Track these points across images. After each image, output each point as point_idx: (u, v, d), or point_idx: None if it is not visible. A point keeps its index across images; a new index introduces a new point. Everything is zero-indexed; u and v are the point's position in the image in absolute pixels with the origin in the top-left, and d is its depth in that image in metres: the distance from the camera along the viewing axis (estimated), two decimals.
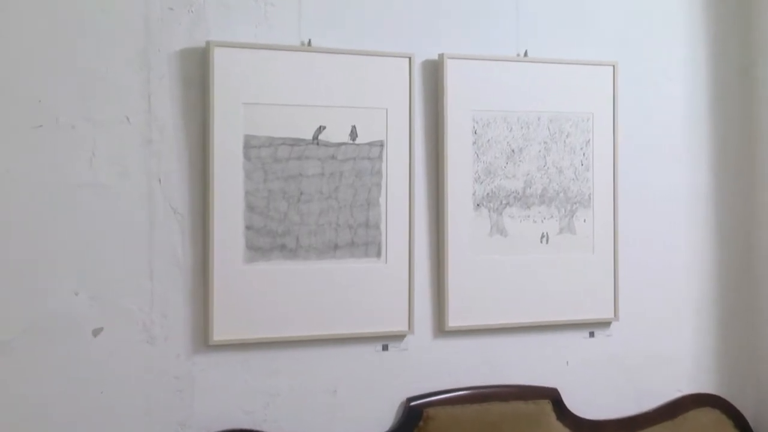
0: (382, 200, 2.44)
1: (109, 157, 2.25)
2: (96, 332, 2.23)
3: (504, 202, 2.57)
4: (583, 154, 2.64)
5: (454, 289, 2.50)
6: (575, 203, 2.63)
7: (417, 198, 2.49)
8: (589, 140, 2.64)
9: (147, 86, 2.26)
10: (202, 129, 2.31)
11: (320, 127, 2.38)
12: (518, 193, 2.58)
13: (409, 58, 2.45)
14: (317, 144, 2.38)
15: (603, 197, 2.65)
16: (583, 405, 2.61)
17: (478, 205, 2.54)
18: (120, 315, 2.25)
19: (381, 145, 2.44)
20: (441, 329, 2.52)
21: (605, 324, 2.68)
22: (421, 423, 2.44)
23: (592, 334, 2.67)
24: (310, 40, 2.37)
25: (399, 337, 2.47)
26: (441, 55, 2.50)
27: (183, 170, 2.30)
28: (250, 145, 2.32)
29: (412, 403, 2.45)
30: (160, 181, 2.28)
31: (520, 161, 2.58)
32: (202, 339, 2.31)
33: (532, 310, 2.58)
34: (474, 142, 2.53)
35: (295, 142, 2.36)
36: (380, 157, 2.44)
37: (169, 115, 2.28)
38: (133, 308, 2.26)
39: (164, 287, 2.29)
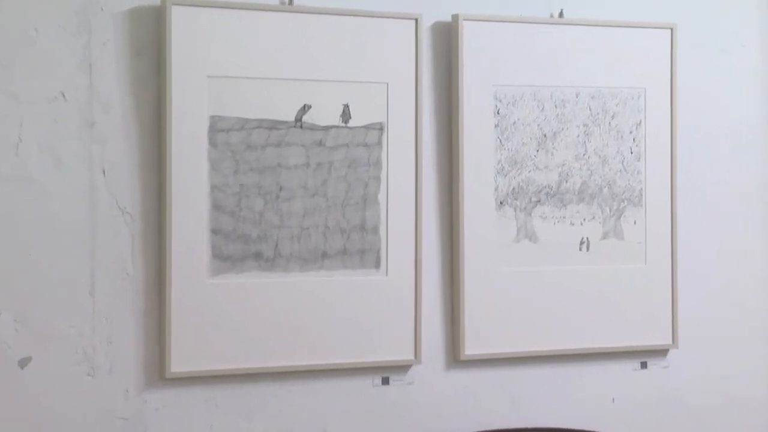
0: (381, 197, 2.44)
1: (39, 144, 2.23)
2: (23, 362, 2.23)
3: (534, 199, 2.56)
4: (633, 140, 2.64)
5: (472, 308, 2.51)
6: (623, 201, 2.63)
7: (425, 195, 2.49)
8: (640, 122, 2.65)
9: (87, 54, 2.26)
10: (156, 108, 2.30)
11: (305, 106, 2.38)
12: (551, 189, 2.58)
13: (416, 20, 2.45)
14: (301, 127, 2.37)
15: (658, 193, 2.66)
16: None
17: (501, 203, 2.54)
18: (53, 341, 2.24)
19: (380, 128, 2.44)
20: (455, 358, 2.52)
21: (661, 352, 2.68)
22: None
23: (644, 365, 2.67)
24: None
25: (403, 367, 2.48)
26: (455, 17, 2.50)
27: (133, 160, 2.29)
28: (216, 128, 2.32)
29: None
30: (104, 172, 2.28)
31: (553, 148, 2.58)
32: (157, 371, 2.30)
33: (569, 335, 2.59)
34: (496, 125, 2.53)
35: (274, 125, 2.36)
36: (379, 143, 2.43)
37: (115, 90, 2.28)
38: (69, 332, 2.25)
39: (109, 306, 2.28)
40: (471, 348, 2.50)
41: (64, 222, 2.25)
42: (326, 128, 2.40)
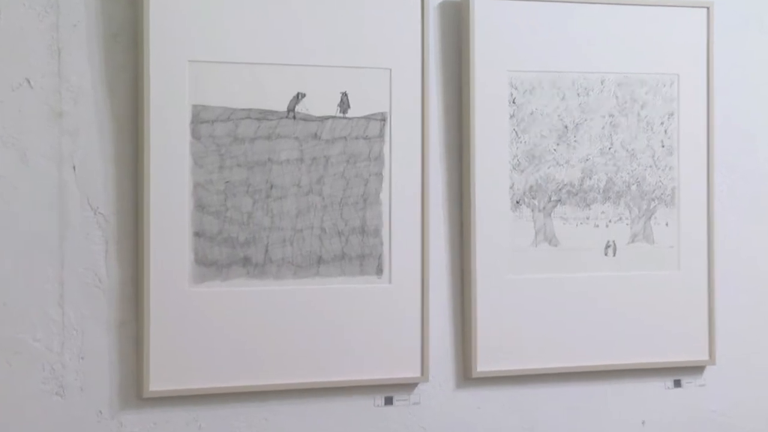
0: (383, 196, 2.44)
1: (2, 137, 2.24)
2: None
3: (554, 198, 2.56)
4: (665, 132, 2.63)
5: (485, 319, 2.50)
6: (653, 200, 2.63)
7: (432, 193, 2.49)
8: (672, 113, 2.65)
9: (55, 37, 2.26)
10: (132, 97, 2.31)
11: (298, 94, 2.38)
12: (574, 186, 2.58)
13: None
14: (294, 118, 2.38)
15: (692, 192, 2.66)
16: None
17: (517, 202, 2.54)
18: (18, 356, 2.24)
19: (383, 119, 2.44)
20: (466, 375, 2.52)
21: (696, 369, 2.68)
22: None
23: (677, 383, 2.67)
24: None
25: (408, 386, 2.48)
26: None
27: (106, 154, 2.30)
28: (200, 119, 2.32)
29: None
30: (74, 168, 2.28)
31: (575, 142, 2.57)
32: (134, 390, 2.31)
33: (593, 350, 2.59)
34: (512, 116, 2.53)
35: (263, 115, 2.36)
36: (381, 136, 2.43)
37: (87, 77, 2.28)
38: (36, 346, 2.25)
39: (80, 317, 2.28)
40: (483, 364, 2.50)
41: (29, 224, 2.25)
42: (322, 119, 2.39)
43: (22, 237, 2.24)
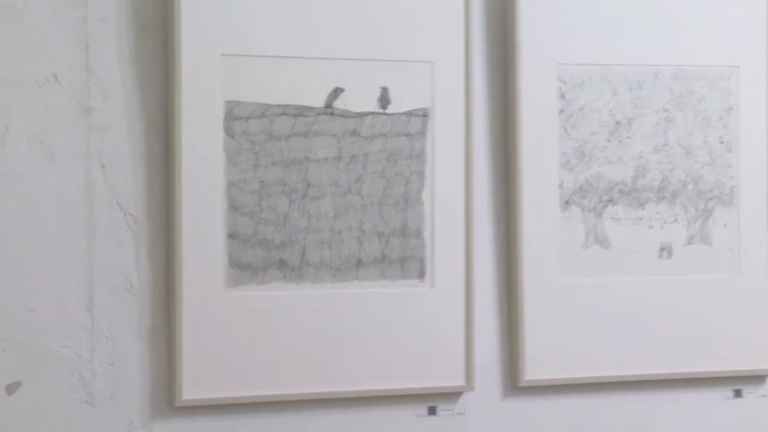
0: (425, 196, 2.44)
1: (28, 134, 2.24)
2: (11, 388, 2.24)
3: (605, 198, 2.56)
4: (724, 127, 2.63)
5: (533, 325, 2.51)
6: (711, 200, 2.62)
7: (477, 193, 2.50)
8: (732, 107, 2.64)
9: (83, 30, 2.26)
10: (163, 93, 2.31)
11: (336, 89, 2.39)
12: (626, 185, 2.58)
13: None
14: (331, 114, 2.38)
15: (753, 191, 2.66)
16: None
17: (567, 202, 2.54)
18: (46, 363, 2.25)
19: (424, 114, 2.44)
20: (514, 384, 2.52)
21: (758, 379, 2.67)
22: None
23: (738, 394, 2.66)
24: None
25: (452, 395, 2.48)
26: None
27: (136, 152, 2.30)
28: (233, 115, 2.33)
29: None
30: (103, 167, 2.28)
31: (628, 138, 2.57)
32: (166, 398, 2.31)
33: (647, 358, 2.58)
34: (561, 111, 2.53)
35: (300, 111, 2.36)
36: (423, 132, 2.44)
37: (116, 72, 2.29)
38: (65, 353, 2.26)
39: (110, 323, 2.28)
40: (532, 372, 2.50)
41: (56, 225, 2.25)
42: (361, 115, 2.40)
43: (48, 239, 2.24)
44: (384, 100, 2.41)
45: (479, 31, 2.48)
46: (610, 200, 2.55)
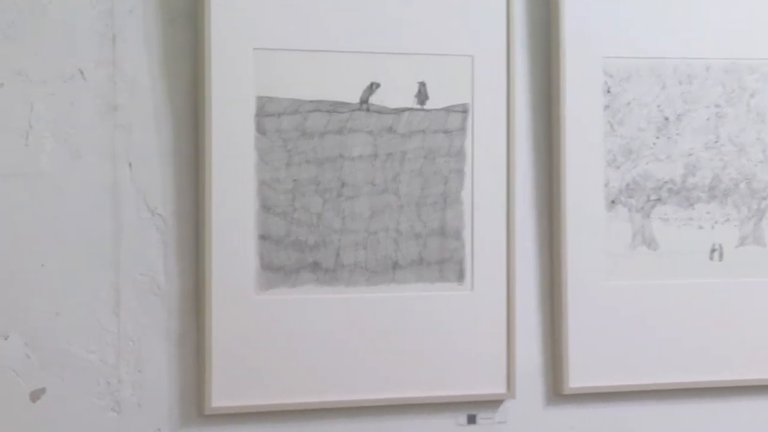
0: (465, 195, 2.44)
1: (53, 132, 2.25)
2: (35, 395, 2.24)
3: (653, 197, 2.55)
4: None
5: (577, 330, 2.51)
6: (765, 199, 2.62)
7: (519, 192, 2.50)
8: None
9: (110, 24, 2.27)
10: (192, 88, 2.32)
11: (372, 84, 2.39)
12: (675, 184, 2.57)
13: None
14: (367, 110, 2.39)
15: None
16: None
17: (613, 202, 2.53)
18: (71, 369, 2.25)
19: (464, 111, 2.44)
20: (557, 391, 2.52)
21: None
22: None
23: None
24: None
25: (493, 402, 2.48)
26: None
27: (164, 150, 2.31)
28: (265, 112, 2.33)
29: None
30: (130, 166, 2.29)
31: (677, 135, 2.56)
32: (195, 406, 2.32)
33: (699, 365, 2.58)
34: (607, 106, 2.53)
35: (334, 108, 2.37)
36: (462, 129, 2.44)
37: (144, 67, 2.29)
38: (90, 359, 2.26)
39: (137, 327, 2.29)
40: (576, 379, 2.50)
41: (82, 225, 2.26)
42: (398, 111, 2.40)
43: (74, 240, 2.25)
44: (422, 95, 2.41)
45: (521, 23, 2.49)
46: (659, 199, 2.54)
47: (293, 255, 2.34)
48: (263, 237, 2.32)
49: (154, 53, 2.29)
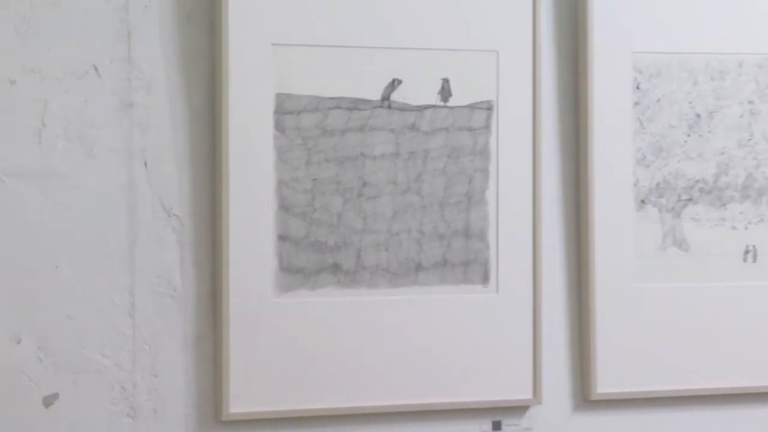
0: (490, 195, 2.44)
1: (66, 130, 2.25)
2: (48, 400, 2.24)
3: (684, 197, 2.55)
4: None
5: (606, 334, 2.50)
6: None
7: (545, 191, 2.50)
8: None
9: (125, 19, 2.28)
10: (209, 85, 2.32)
11: (394, 80, 2.39)
12: (707, 183, 2.56)
13: None
14: (389, 107, 2.39)
15: None
16: None
17: (642, 201, 2.53)
18: (85, 374, 2.26)
19: (489, 108, 2.44)
20: (585, 397, 2.52)
21: None
22: None
23: None
24: None
25: (518, 409, 2.48)
26: None
27: (181, 149, 2.32)
28: (284, 109, 2.33)
29: None
30: (145, 165, 2.29)
31: (709, 133, 2.56)
32: (212, 412, 2.32)
33: (732, 370, 2.57)
34: (636, 103, 2.52)
35: (355, 105, 2.37)
36: (487, 127, 2.43)
37: (160, 64, 2.30)
38: (105, 363, 2.27)
39: (153, 331, 2.29)
40: (605, 385, 2.49)
41: (96, 226, 2.26)
42: (420, 108, 2.39)
43: (87, 242, 2.25)
44: (445, 92, 2.40)
45: (548, 17, 2.48)
46: (690, 199, 2.54)
47: (313, 256, 2.34)
48: (282, 238, 2.32)
49: (170, 50, 2.29)
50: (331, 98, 2.34)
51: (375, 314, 2.37)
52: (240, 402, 2.28)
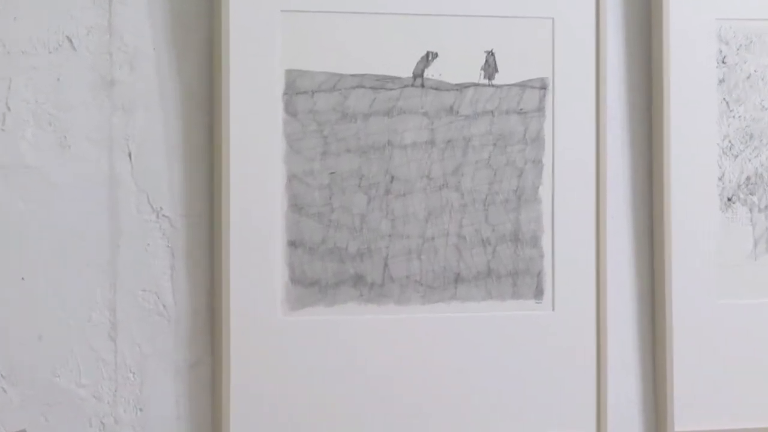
0: (544, 192, 2.42)
1: (35, 114, 2.23)
2: None
3: None
4: None
5: (684, 360, 2.49)
6: None
7: (611, 188, 2.47)
8: None
9: None
10: (207, 60, 2.30)
11: (428, 54, 2.37)
12: None
13: None
14: (422, 86, 2.37)
15: None
16: None
17: (729, 199, 2.51)
18: (57, 407, 2.24)
19: (543, 87, 2.43)
20: None
21: None
22: None
23: None
24: None
25: None
26: None
27: (172, 137, 2.30)
28: (296, 88, 2.31)
29: None
30: (130, 156, 2.27)
31: None
32: None
33: None
34: (721, 80, 2.50)
35: (381, 83, 2.35)
36: (541, 109, 2.42)
37: (147, 35, 2.29)
38: (81, 394, 2.25)
39: (138, 356, 2.29)
40: (683, 421, 2.47)
41: (71, 230, 2.25)
42: (460, 87, 2.37)
43: (61, 248, 2.24)
44: (490, 67, 2.39)
45: None
46: None
47: (331, 266, 2.33)
48: (293, 244, 2.31)
49: (159, 18, 2.28)
50: (352, 75, 2.33)
51: (405, 335, 2.36)
52: None
